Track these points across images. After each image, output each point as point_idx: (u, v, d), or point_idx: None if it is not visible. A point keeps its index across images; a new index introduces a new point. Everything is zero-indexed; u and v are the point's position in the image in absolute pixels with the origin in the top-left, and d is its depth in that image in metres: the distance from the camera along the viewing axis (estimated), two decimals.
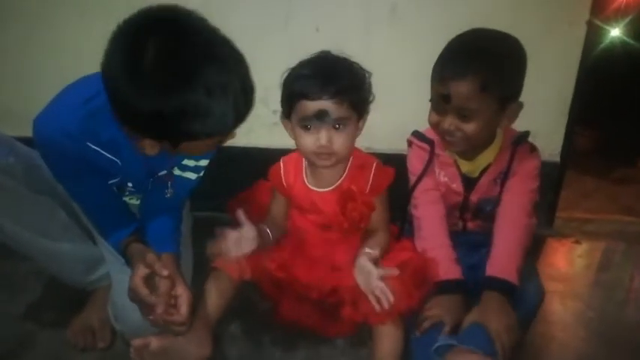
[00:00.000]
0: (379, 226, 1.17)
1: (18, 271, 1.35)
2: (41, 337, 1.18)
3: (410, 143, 1.27)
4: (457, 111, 1.07)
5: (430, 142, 1.22)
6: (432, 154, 1.22)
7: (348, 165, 1.16)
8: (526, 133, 1.21)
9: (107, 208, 1.10)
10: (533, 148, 1.21)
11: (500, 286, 1.08)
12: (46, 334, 1.18)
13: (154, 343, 1.00)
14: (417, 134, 1.26)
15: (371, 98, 1.12)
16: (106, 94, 0.86)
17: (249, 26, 1.44)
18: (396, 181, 1.21)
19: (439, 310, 1.08)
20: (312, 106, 1.04)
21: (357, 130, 1.11)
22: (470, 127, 1.08)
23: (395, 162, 1.28)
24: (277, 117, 1.52)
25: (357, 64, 1.11)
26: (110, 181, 1.09)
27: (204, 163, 1.16)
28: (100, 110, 0.93)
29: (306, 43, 1.30)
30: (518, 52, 1.08)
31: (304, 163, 1.19)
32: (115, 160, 1.03)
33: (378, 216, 1.16)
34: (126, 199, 1.20)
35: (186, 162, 1.14)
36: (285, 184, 1.19)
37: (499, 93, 1.06)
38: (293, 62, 1.17)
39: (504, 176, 1.19)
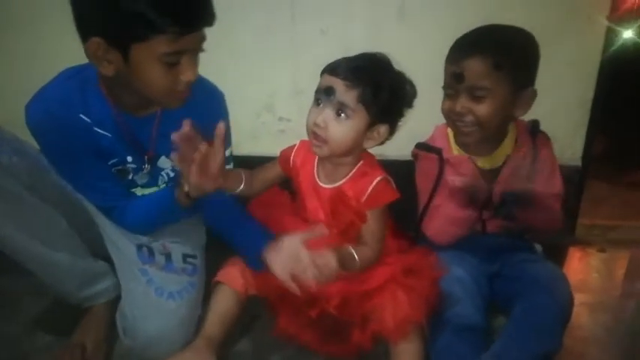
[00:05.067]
0: (367, 241, 1.07)
1: (16, 289, 1.29)
2: (35, 359, 1.11)
3: (416, 156, 1.22)
4: (470, 91, 1.05)
5: (437, 151, 1.16)
6: (441, 163, 1.16)
7: (355, 169, 1.09)
8: (536, 122, 1.17)
9: (110, 189, 1.07)
10: (547, 137, 1.18)
11: None
12: (40, 357, 1.12)
13: None
14: (421, 146, 1.21)
15: (399, 117, 1.07)
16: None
17: (253, 30, 1.40)
18: (408, 186, 1.15)
19: None
20: (326, 80, 1.01)
21: (363, 131, 1.03)
22: (482, 109, 1.05)
23: (405, 169, 1.23)
24: (283, 124, 1.49)
25: (401, 76, 1.06)
26: (110, 162, 1.06)
27: None
28: (89, 80, 0.98)
29: (311, 46, 1.25)
30: (531, 40, 1.07)
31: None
32: (106, 134, 1.02)
33: (368, 229, 1.07)
34: (136, 192, 1.14)
35: None
36: (291, 162, 1.15)
37: (512, 74, 1.04)
38: (298, 66, 1.13)
39: (530, 170, 1.13)
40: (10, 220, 0.99)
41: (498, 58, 1.02)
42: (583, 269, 1.48)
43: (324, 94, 1.01)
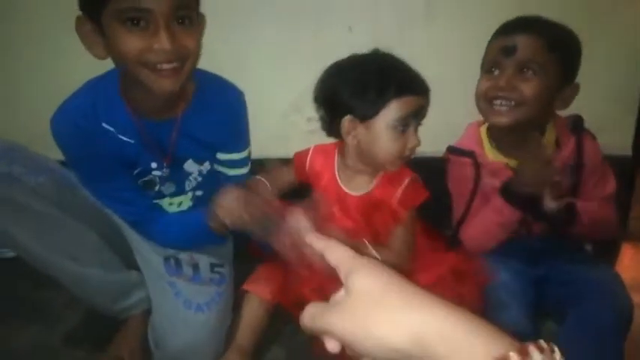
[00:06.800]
0: (394, 247, 1.02)
1: (55, 301, 1.31)
2: None
3: (447, 160, 1.16)
4: (519, 66, 0.99)
5: (470, 154, 1.10)
6: (477, 168, 1.09)
7: (382, 172, 1.05)
8: (579, 118, 1.09)
9: (136, 201, 1.06)
10: (593, 137, 1.10)
11: None
12: None
13: None
14: (452, 150, 1.15)
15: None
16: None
17: (279, 27, 1.36)
18: (441, 184, 1.11)
19: None
20: (415, 102, 0.96)
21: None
22: (529, 88, 0.99)
23: (436, 166, 1.19)
24: (312, 125, 1.46)
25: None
26: (135, 171, 1.05)
27: (236, 156, 1.11)
28: (109, 88, 0.99)
29: (338, 44, 1.22)
30: (576, 36, 1.04)
31: (337, 159, 1.10)
32: (129, 140, 1.01)
33: (398, 235, 1.02)
34: (164, 203, 1.13)
35: (221, 156, 1.11)
36: (307, 169, 1.12)
37: (564, 60, 1.00)
38: (325, 65, 1.09)
39: (575, 171, 1.06)
40: (39, 240, 1.00)
41: (554, 40, 0.99)
42: (636, 267, 1.39)
43: (413, 117, 0.98)
